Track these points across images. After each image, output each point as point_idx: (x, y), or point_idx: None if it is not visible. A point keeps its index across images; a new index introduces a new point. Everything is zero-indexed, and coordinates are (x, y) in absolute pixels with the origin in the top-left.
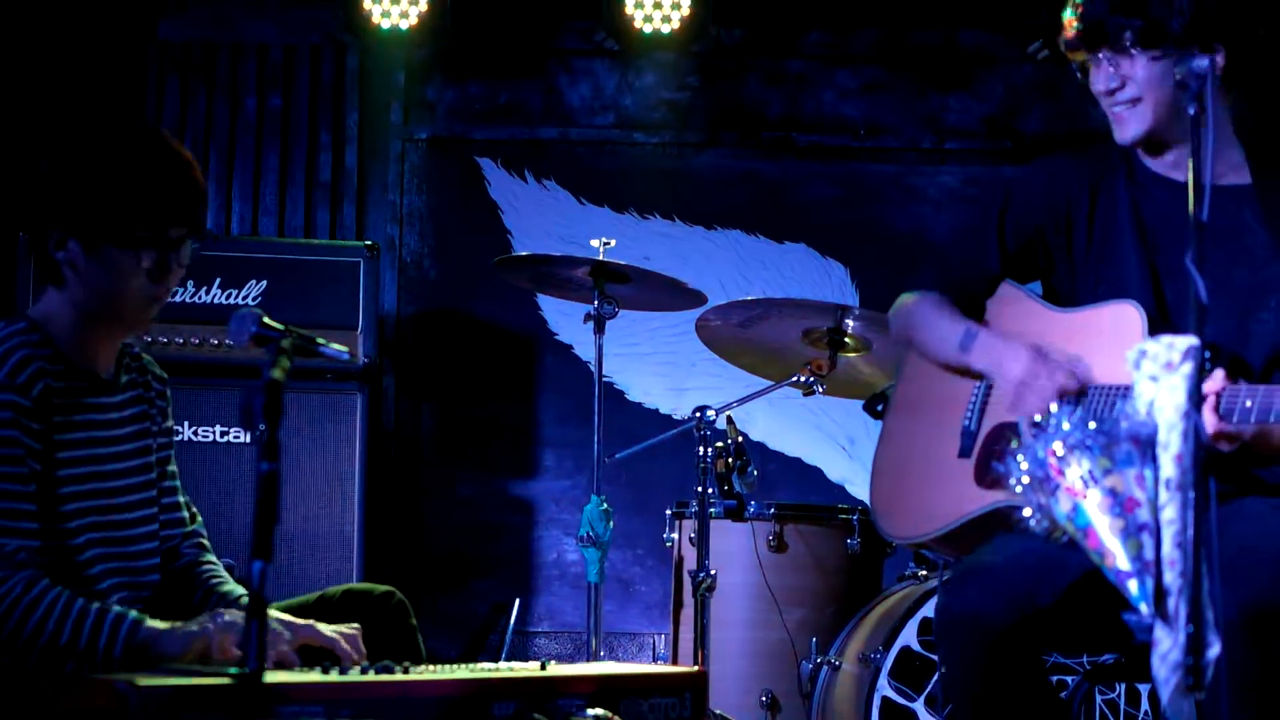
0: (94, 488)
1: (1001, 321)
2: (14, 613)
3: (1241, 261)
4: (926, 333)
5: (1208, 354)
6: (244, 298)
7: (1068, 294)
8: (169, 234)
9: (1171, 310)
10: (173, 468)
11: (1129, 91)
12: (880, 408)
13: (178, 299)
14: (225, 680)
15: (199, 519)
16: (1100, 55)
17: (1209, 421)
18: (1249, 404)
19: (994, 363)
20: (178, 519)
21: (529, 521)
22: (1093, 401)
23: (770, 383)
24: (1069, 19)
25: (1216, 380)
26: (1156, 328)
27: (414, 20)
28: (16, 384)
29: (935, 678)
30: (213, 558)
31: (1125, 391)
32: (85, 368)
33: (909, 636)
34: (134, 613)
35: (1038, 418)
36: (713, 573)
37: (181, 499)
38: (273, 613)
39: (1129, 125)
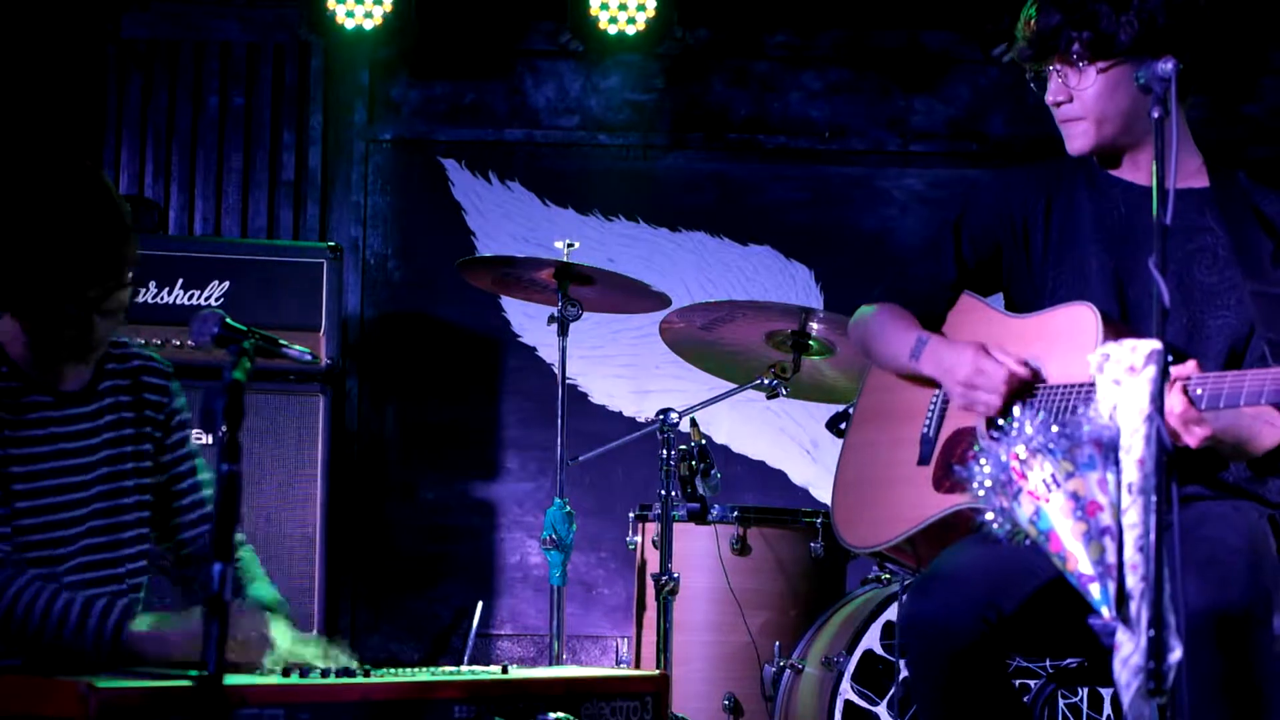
0: (50, 502)
1: (960, 331)
2: None
3: (1201, 262)
4: (881, 343)
5: (1170, 357)
6: (206, 299)
7: (1027, 301)
8: (87, 295)
9: (1132, 311)
10: (192, 465)
11: (1074, 108)
12: (843, 426)
13: (140, 300)
14: (185, 683)
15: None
16: (1050, 67)
17: (1178, 403)
18: (1199, 392)
19: (941, 367)
20: (199, 518)
21: (492, 524)
22: (1050, 401)
23: (734, 385)
24: (1022, 30)
25: (1187, 367)
26: (1117, 329)
27: (378, 20)
28: None
29: (898, 681)
30: (243, 556)
31: (1082, 391)
32: (46, 382)
33: (872, 640)
34: (121, 604)
35: (1001, 420)
36: (676, 576)
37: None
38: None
39: (1075, 140)
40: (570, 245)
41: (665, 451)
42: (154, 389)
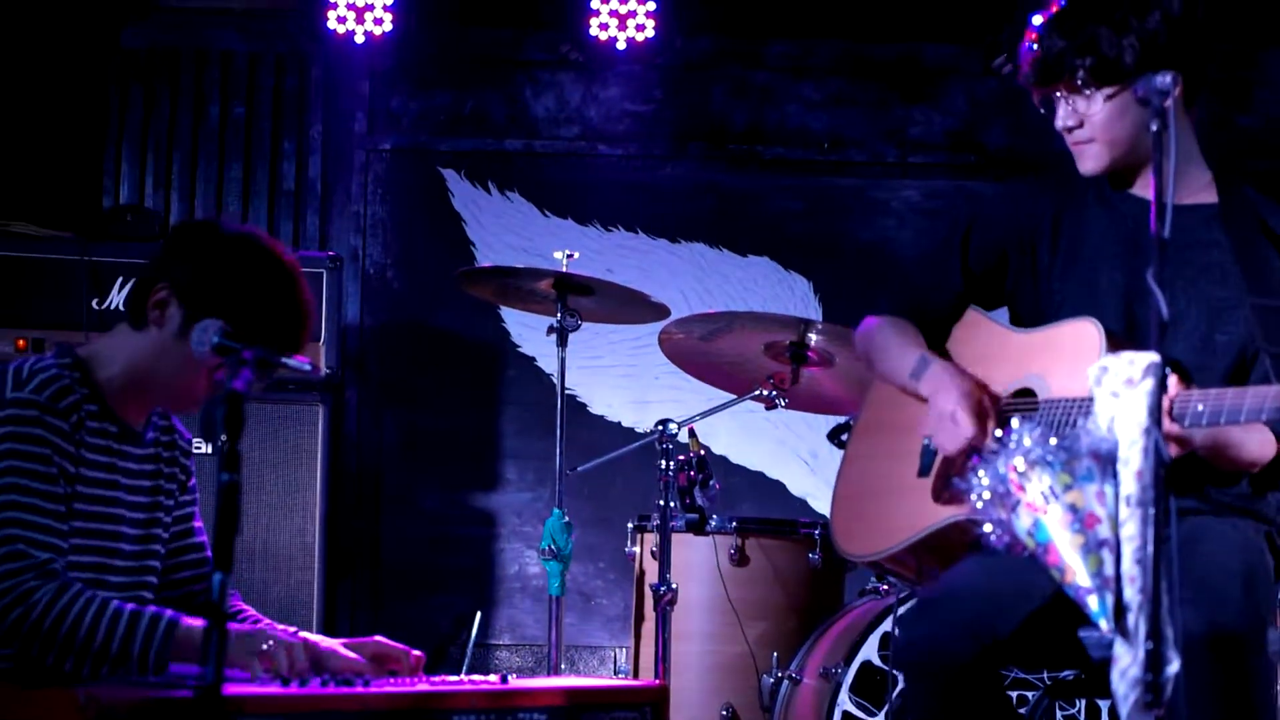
0: (99, 528)
1: (964, 345)
2: (46, 619)
3: (1211, 277)
4: (885, 358)
5: (1168, 370)
6: None
7: (1033, 316)
8: (259, 363)
9: (1141, 326)
10: (199, 523)
11: (1085, 132)
12: (844, 437)
13: None
14: (184, 692)
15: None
16: (1057, 93)
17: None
18: (1200, 407)
19: (933, 393)
20: (203, 575)
21: (490, 534)
22: (1050, 414)
23: (733, 396)
24: (1026, 56)
25: (1171, 386)
26: (1125, 344)
27: (379, 30)
28: (58, 409)
29: (895, 693)
30: (239, 604)
31: (1082, 405)
32: (117, 414)
33: (870, 651)
34: (169, 613)
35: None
36: (674, 586)
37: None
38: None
39: (1087, 161)
40: (569, 256)
41: (664, 462)
42: (184, 452)
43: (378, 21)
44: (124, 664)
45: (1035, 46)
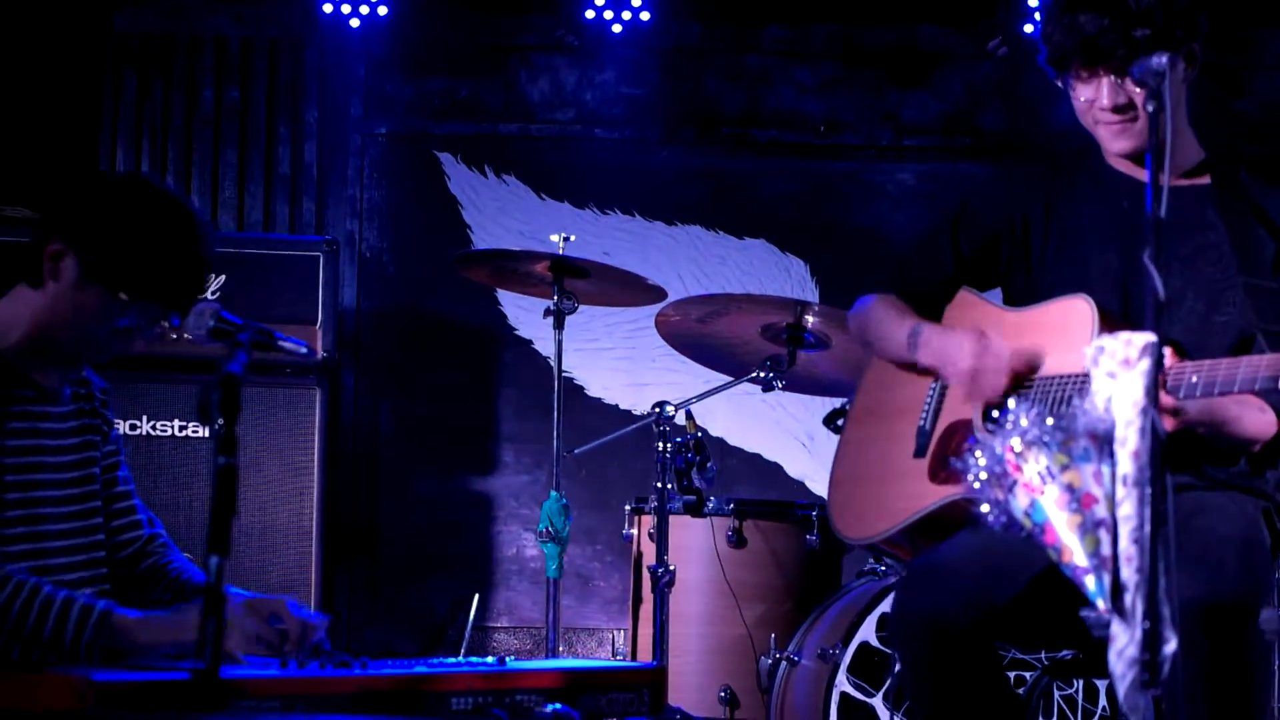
0: (28, 496)
1: (957, 324)
2: None
3: (1208, 258)
4: (879, 334)
5: (1166, 350)
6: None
7: (1026, 298)
8: (154, 312)
9: (1137, 307)
10: (124, 472)
11: (1135, 110)
12: (840, 422)
13: None
14: (182, 675)
15: (156, 523)
16: (1100, 73)
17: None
18: (1195, 379)
19: (940, 356)
20: (133, 522)
21: (488, 517)
22: (1045, 392)
23: (730, 378)
24: (1064, 35)
25: (1165, 359)
26: (1121, 325)
27: (374, 14)
28: None
29: (893, 673)
30: (177, 555)
31: (1076, 382)
32: (28, 375)
33: (867, 632)
34: (103, 602)
35: (996, 412)
36: (672, 568)
37: (137, 503)
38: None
39: (1128, 139)
40: (566, 239)
41: (661, 444)
42: (102, 402)
43: (373, 6)
44: (57, 651)
45: (1078, 25)
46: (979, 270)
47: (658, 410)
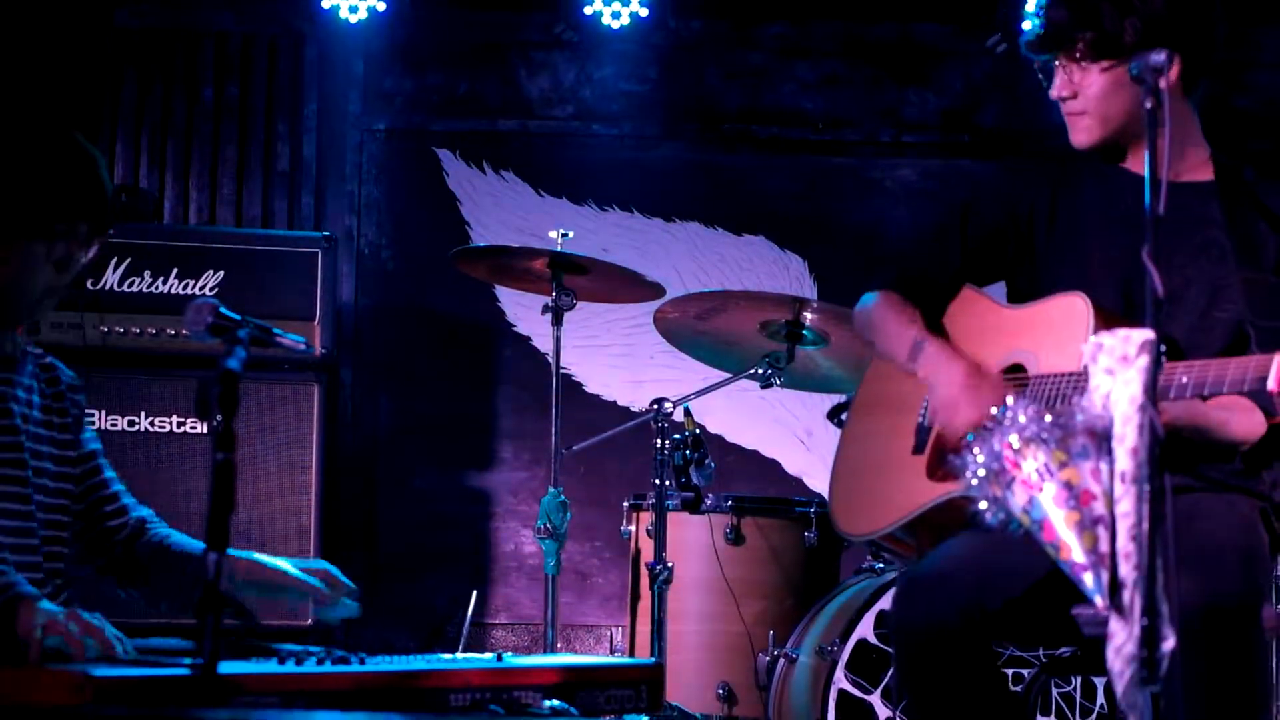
0: None
1: (958, 321)
2: None
3: (1210, 255)
4: (882, 335)
5: (1163, 347)
6: (201, 288)
7: (1030, 293)
8: (79, 229)
9: (1138, 303)
10: (104, 461)
11: (1079, 104)
12: (843, 416)
13: (134, 289)
14: (181, 671)
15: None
16: (1056, 62)
17: None
18: (1184, 379)
19: (933, 377)
20: (120, 508)
21: (486, 513)
22: (1041, 390)
23: (728, 375)
24: (1028, 22)
25: None
26: (1122, 321)
27: (373, 10)
28: None
29: (891, 670)
30: (174, 534)
31: (1073, 380)
32: None
33: (866, 629)
34: (19, 589)
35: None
36: (670, 565)
37: (121, 489)
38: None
39: (1079, 133)
40: (564, 235)
41: (659, 441)
42: (73, 388)
43: (371, 2)
44: None
45: (1039, 15)
46: (984, 266)
47: (656, 407)
